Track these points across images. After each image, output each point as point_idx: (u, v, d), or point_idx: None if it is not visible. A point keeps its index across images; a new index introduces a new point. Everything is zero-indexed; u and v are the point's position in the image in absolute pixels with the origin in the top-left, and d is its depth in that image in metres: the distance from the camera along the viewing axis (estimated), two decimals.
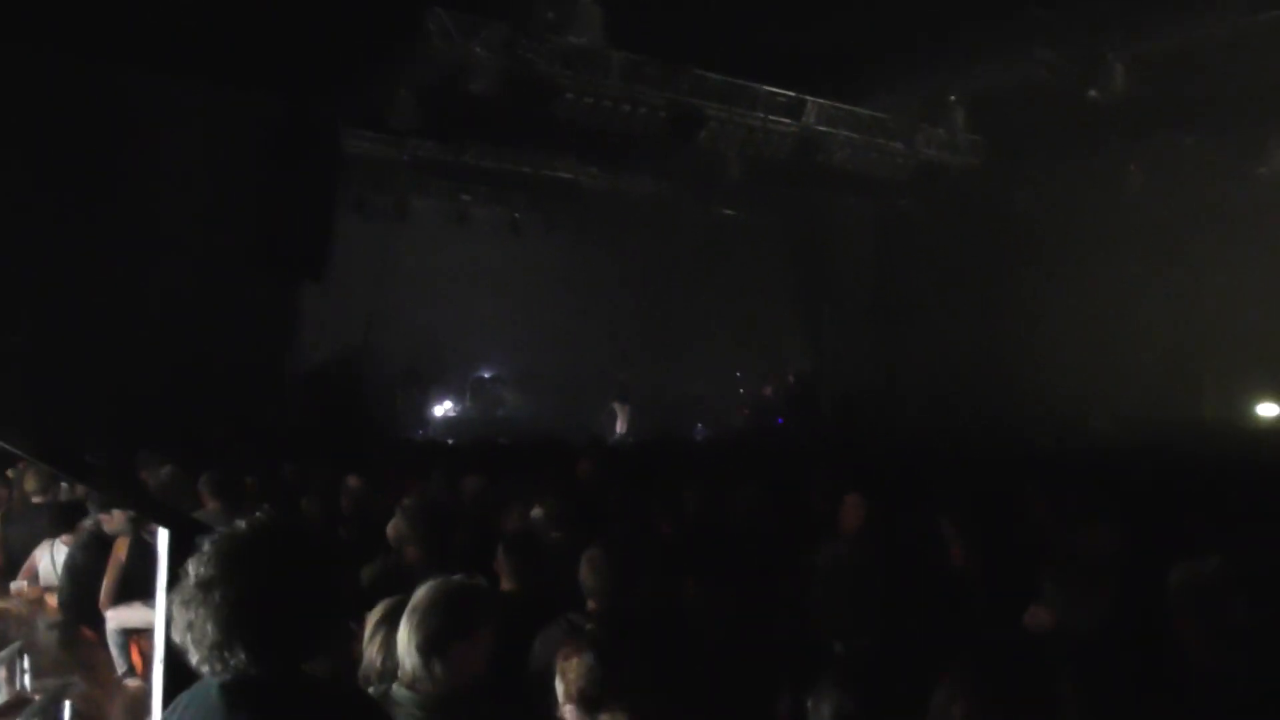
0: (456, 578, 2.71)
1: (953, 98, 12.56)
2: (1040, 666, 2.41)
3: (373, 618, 2.92)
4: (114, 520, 5.20)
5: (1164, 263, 14.56)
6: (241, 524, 1.96)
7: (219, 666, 1.83)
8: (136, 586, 4.74)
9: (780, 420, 17.81)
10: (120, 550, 5.02)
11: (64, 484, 6.08)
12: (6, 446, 2.52)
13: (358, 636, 2.97)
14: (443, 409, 17.12)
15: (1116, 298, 14.76)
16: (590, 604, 3.63)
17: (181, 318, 11.90)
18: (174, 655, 1.94)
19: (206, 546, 1.91)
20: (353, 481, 6.20)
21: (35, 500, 6.04)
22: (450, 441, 12.77)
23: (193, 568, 1.88)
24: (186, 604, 1.85)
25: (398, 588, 2.96)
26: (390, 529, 4.84)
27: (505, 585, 4.11)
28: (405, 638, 2.58)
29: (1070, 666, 2.94)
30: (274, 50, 10.79)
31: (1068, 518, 5.15)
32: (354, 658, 2.93)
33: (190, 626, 1.84)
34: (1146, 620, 3.46)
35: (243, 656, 1.82)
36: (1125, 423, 13.43)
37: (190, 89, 11.94)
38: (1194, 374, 14.34)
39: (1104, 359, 14.58)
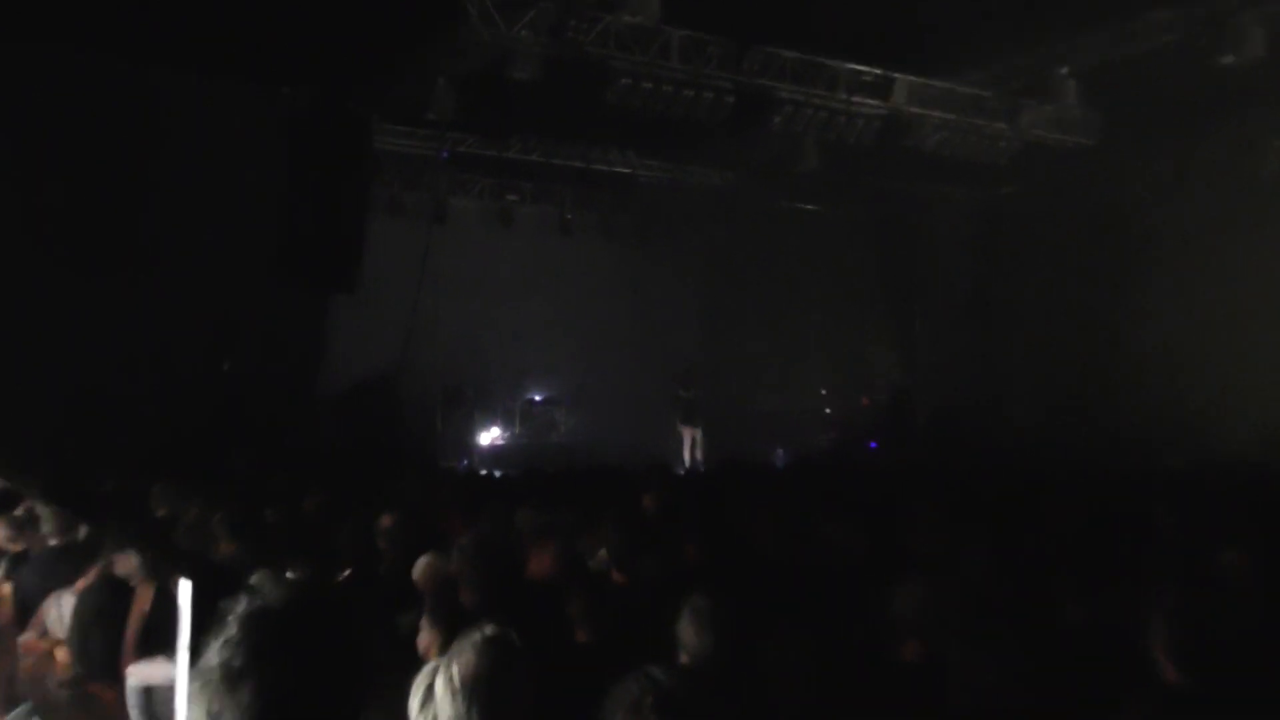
0: (492, 631, 2.71)
1: (1063, 70, 12.36)
2: None
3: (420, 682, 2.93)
4: (128, 562, 5.25)
5: None
6: (272, 594, 1.95)
7: None
8: (160, 640, 4.79)
9: (873, 444, 17.62)
10: (145, 600, 5.07)
11: (85, 526, 6.14)
12: (7, 483, 2.57)
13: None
14: (489, 435, 17.20)
15: (1257, 293, 14.35)
16: (683, 658, 3.57)
17: (200, 333, 12.13)
18: None
19: (233, 625, 1.90)
20: (386, 521, 6.22)
21: (52, 543, 6.09)
22: (498, 474, 12.80)
23: (218, 650, 1.87)
24: (210, 691, 1.85)
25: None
26: (419, 573, 4.88)
27: (580, 636, 4.17)
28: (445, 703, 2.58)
29: None
30: (299, 41, 10.97)
31: (1201, 545, 5.01)
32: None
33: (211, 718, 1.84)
34: None
35: None
36: (1271, 437, 13.03)
37: (208, 83, 12.18)
38: None
39: (1244, 364, 14.16)
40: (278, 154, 12.68)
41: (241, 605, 1.94)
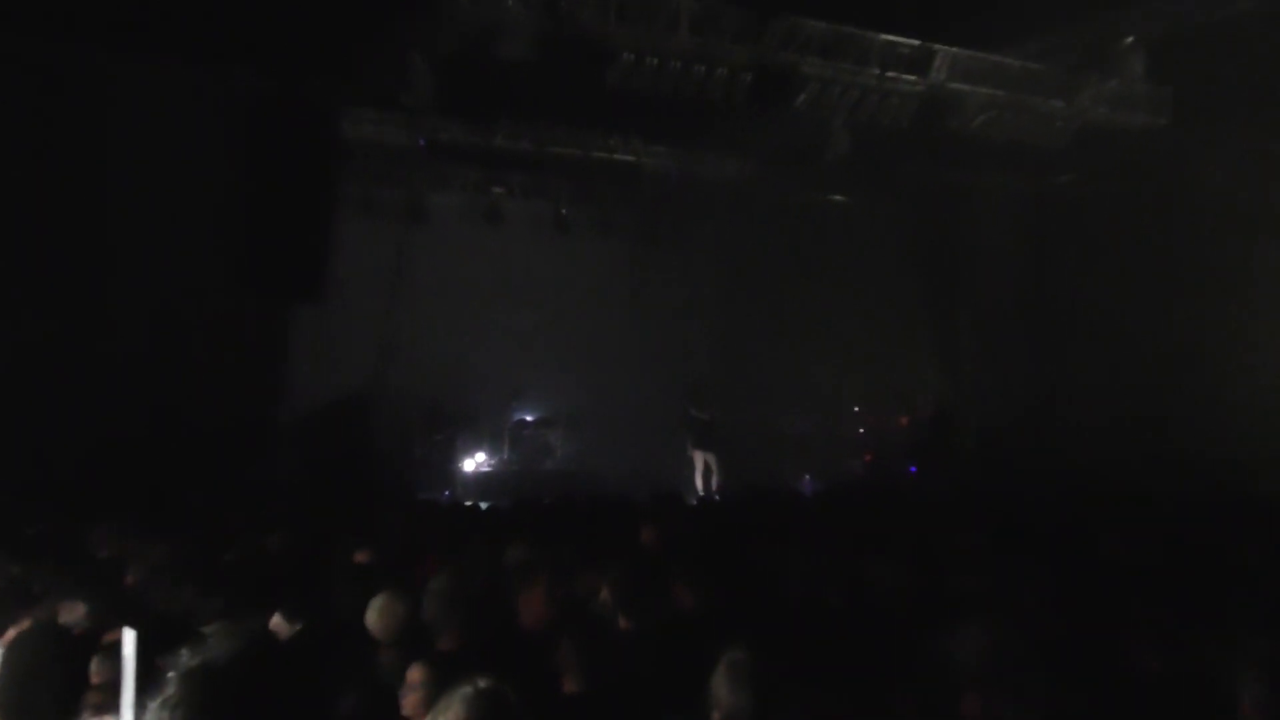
0: (484, 684, 2.74)
1: (1129, 39, 12.35)
2: None
3: None
4: (74, 611, 5.25)
5: None
6: (215, 648, 1.95)
7: None
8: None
9: (913, 468, 17.60)
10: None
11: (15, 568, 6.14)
12: None
13: None
14: (474, 462, 17.21)
15: None
16: (715, 716, 3.60)
17: (145, 351, 12.13)
18: None
19: (173, 683, 1.89)
20: (361, 559, 6.22)
21: None
22: (485, 505, 12.81)
23: (155, 711, 1.86)
24: None
25: None
26: (375, 616, 4.89)
27: (570, 686, 4.20)
28: None
29: None
30: (254, 17, 10.99)
31: None
32: None
33: None
34: None
35: None
36: None
37: (152, 66, 12.19)
38: None
39: None
40: (232, 145, 12.70)
41: (182, 660, 1.92)
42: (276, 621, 5.15)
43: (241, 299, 12.86)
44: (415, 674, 4.16)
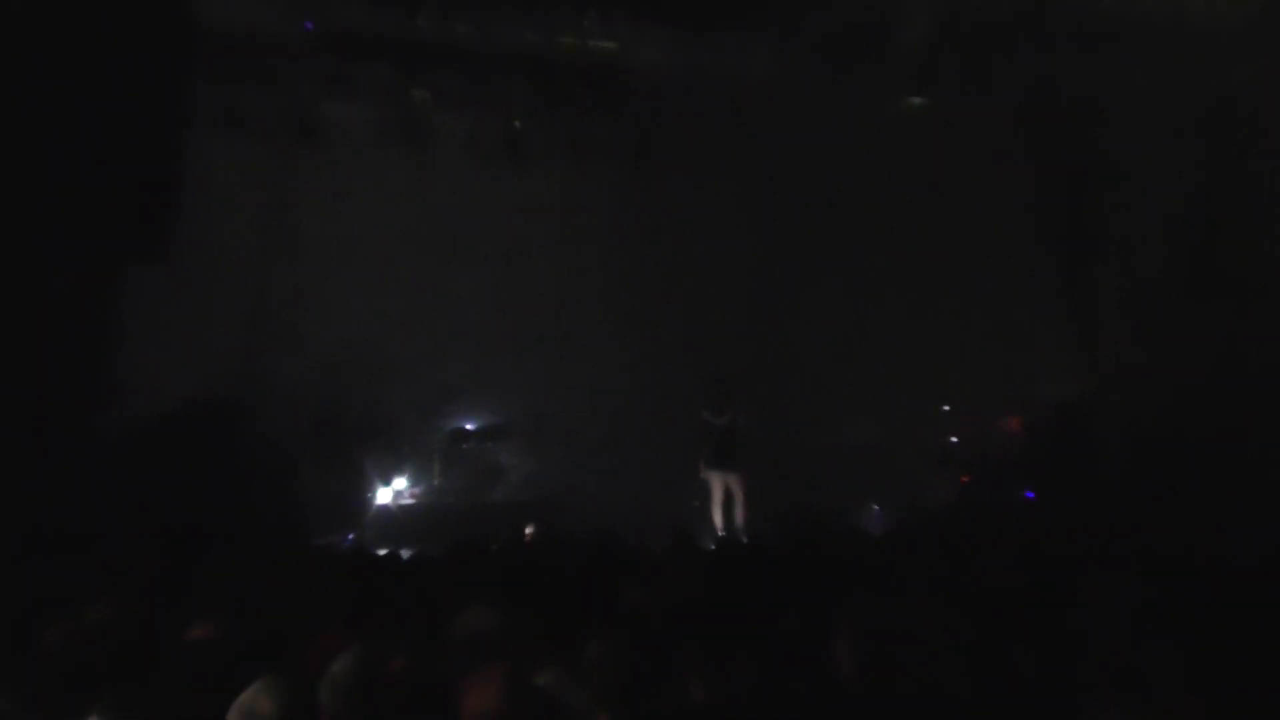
0: None
1: None
2: None
3: None
4: None
5: None
6: None
7: None
8: None
9: (1030, 493, 17.63)
10: None
11: None
12: None
13: None
14: (391, 491, 17.22)
15: None
16: None
17: None
18: None
19: None
20: (199, 634, 6.22)
21: None
22: (408, 553, 12.86)
23: None
24: None
25: None
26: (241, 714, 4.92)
27: None
28: None
29: None
30: None
31: None
32: None
33: None
34: None
35: None
36: None
37: None
38: None
39: None
40: (34, 35, 12.68)
41: None
42: None
43: (50, 258, 12.83)
44: None
